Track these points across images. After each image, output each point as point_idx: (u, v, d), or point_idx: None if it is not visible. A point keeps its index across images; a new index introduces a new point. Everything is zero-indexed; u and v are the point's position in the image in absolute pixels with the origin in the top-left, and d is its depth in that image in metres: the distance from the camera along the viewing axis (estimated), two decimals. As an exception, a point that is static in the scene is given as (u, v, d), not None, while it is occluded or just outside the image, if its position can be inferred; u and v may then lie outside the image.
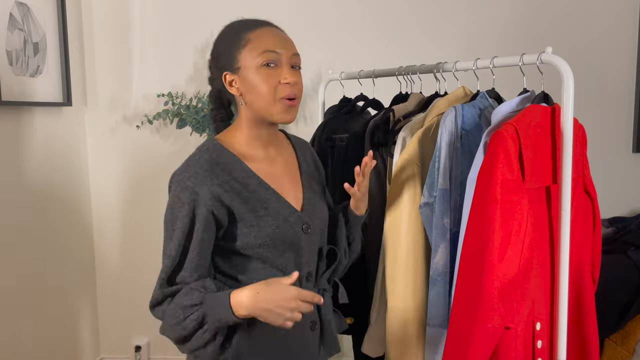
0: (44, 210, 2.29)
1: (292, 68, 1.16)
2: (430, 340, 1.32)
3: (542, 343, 1.22)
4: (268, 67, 1.13)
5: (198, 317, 1.07)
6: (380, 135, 1.54)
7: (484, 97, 1.39)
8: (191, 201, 1.11)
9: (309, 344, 1.22)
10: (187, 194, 1.11)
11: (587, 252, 1.42)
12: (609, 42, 2.45)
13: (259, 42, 1.14)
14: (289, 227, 1.16)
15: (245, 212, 1.13)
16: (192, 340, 1.09)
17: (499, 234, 1.12)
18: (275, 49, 1.14)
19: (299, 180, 1.26)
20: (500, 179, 1.13)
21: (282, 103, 1.14)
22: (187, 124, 2.32)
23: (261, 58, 1.13)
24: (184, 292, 1.09)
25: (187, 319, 1.07)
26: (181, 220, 1.11)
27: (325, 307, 1.25)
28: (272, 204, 1.16)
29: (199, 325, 1.07)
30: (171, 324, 1.09)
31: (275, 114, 1.15)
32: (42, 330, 2.27)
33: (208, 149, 1.17)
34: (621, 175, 2.50)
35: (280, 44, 1.15)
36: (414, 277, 1.35)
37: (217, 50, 1.21)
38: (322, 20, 2.50)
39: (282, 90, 1.14)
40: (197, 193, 1.10)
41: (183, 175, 1.13)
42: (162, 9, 2.53)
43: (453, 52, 2.43)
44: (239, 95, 1.17)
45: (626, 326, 1.97)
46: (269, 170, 1.21)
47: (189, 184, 1.11)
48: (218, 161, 1.15)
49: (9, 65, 2.03)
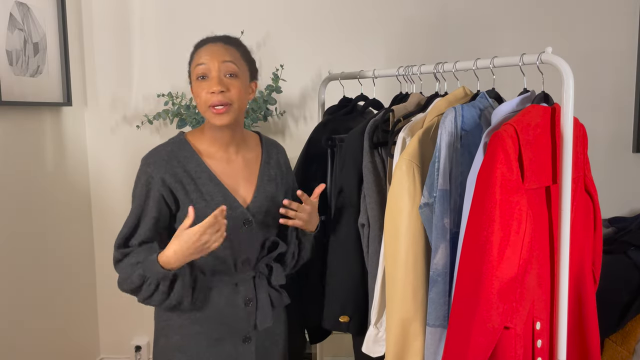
0: (44, 210, 2.29)
1: (226, 77, 1.32)
2: (430, 340, 1.32)
3: (542, 342, 1.22)
4: (202, 79, 1.32)
5: (141, 273, 1.28)
6: (379, 135, 1.54)
7: (484, 97, 1.39)
8: (147, 183, 1.33)
9: (241, 317, 1.40)
10: (145, 177, 1.33)
11: (588, 251, 1.42)
12: (609, 42, 2.45)
13: (197, 57, 1.34)
14: (230, 219, 1.32)
15: (186, 202, 1.33)
16: (141, 291, 1.29)
17: (498, 234, 1.13)
18: (203, 62, 1.32)
19: (254, 179, 1.42)
20: (499, 179, 1.13)
21: (211, 110, 1.32)
22: (187, 124, 2.32)
23: (196, 71, 1.33)
24: (134, 253, 1.32)
25: (133, 275, 1.29)
26: (139, 198, 1.34)
27: (260, 287, 1.42)
28: (216, 197, 1.34)
29: (143, 279, 1.28)
30: (123, 278, 1.32)
31: (210, 119, 1.33)
32: (42, 330, 2.27)
33: (174, 142, 1.39)
34: (621, 175, 2.50)
35: (209, 56, 1.32)
36: (414, 277, 1.35)
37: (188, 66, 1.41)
38: (322, 20, 2.50)
39: (210, 99, 1.31)
40: (152, 177, 1.33)
41: (146, 161, 1.35)
42: (162, 9, 2.53)
43: (453, 52, 2.43)
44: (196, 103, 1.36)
45: (626, 326, 1.97)
46: (224, 168, 1.38)
47: (148, 170, 1.34)
48: (177, 154, 1.35)
49: (9, 65, 2.03)
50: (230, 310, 1.38)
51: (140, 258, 1.30)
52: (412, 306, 1.35)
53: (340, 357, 2.58)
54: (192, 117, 2.28)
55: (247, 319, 1.40)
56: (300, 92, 2.53)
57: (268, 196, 1.42)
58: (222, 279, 1.38)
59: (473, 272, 1.16)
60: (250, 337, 1.42)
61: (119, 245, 1.34)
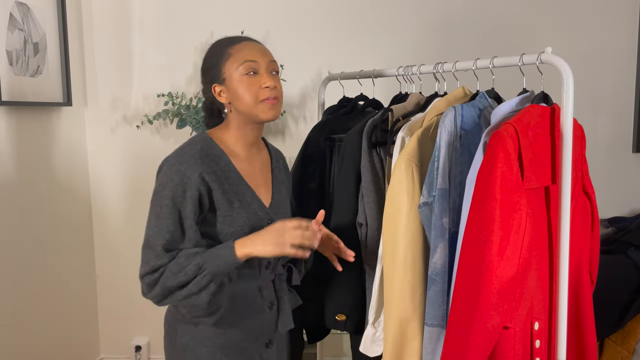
0: (44, 210, 2.29)
1: (272, 74, 1.32)
2: (429, 340, 1.31)
3: (540, 343, 1.22)
4: (249, 75, 1.29)
5: (199, 262, 1.21)
6: (378, 134, 1.54)
7: (484, 97, 1.39)
8: (183, 183, 1.24)
9: (266, 321, 1.37)
10: (179, 177, 1.25)
11: (585, 252, 1.42)
12: (609, 42, 2.45)
13: (240, 54, 1.30)
14: (258, 220, 1.32)
15: (223, 202, 1.27)
16: (189, 286, 1.22)
17: (498, 234, 1.13)
18: (254, 59, 1.30)
19: (270, 181, 1.42)
20: (499, 178, 1.13)
21: (263, 104, 1.30)
22: (187, 124, 2.32)
23: (242, 67, 1.29)
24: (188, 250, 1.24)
25: (189, 265, 1.21)
26: (172, 199, 1.24)
27: (281, 289, 1.40)
28: (246, 197, 1.31)
29: (199, 270, 1.21)
30: (174, 271, 1.22)
31: (260, 114, 1.30)
32: (42, 331, 2.27)
33: (201, 140, 1.32)
34: (621, 175, 2.50)
35: (258, 53, 1.31)
36: (412, 276, 1.35)
37: (205, 66, 1.37)
38: (322, 20, 2.50)
39: (263, 93, 1.29)
40: (188, 177, 1.25)
41: (175, 161, 1.27)
42: (162, 9, 2.53)
43: (453, 51, 2.43)
44: (228, 103, 1.33)
45: (626, 326, 1.97)
46: (248, 168, 1.36)
47: (181, 168, 1.25)
48: (208, 152, 1.30)
49: (9, 65, 2.03)
50: (257, 316, 1.35)
51: (200, 250, 1.24)
52: (410, 306, 1.35)
53: (340, 357, 2.58)
54: (192, 117, 2.28)
55: (271, 323, 1.38)
56: (300, 92, 2.53)
57: (282, 199, 1.42)
58: (248, 284, 1.34)
59: (472, 271, 1.16)
60: (272, 340, 1.39)
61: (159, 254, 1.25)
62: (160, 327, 1.42)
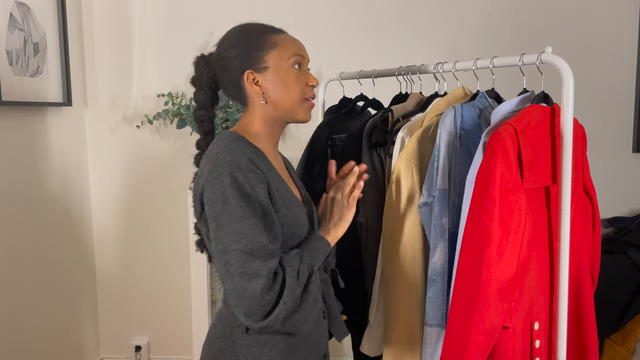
0: (44, 210, 2.29)
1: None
2: (428, 340, 1.31)
3: (540, 343, 1.22)
4: (297, 69, 1.20)
5: (307, 261, 1.11)
6: (378, 135, 1.54)
7: (484, 97, 1.39)
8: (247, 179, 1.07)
9: (323, 332, 1.26)
10: (241, 174, 1.07)
11: (586, 252, 1.42)
12: (609, 42, 2.45)
13: (287, 45, 1.19)
14: (301, 218, 1.19)
15: (279, 200, 1.14)
16: (309, 288, 1.09)
17: (497, 234, 1.13)
18: (301, 53, 1.21)
19: (291, 179, 1.31)
20: (499, 179, 1.13)
21: (307, 103, 1.22)
22: (187, 124, 2.32)
23: (292, 60, 1.19)
24: (291, 252, 1.12)
25: (302, 265, 1.09)
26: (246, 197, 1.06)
27: (329, 295, 1.28)
28: (288, 195, 1.18)
29: (311, 268, 1.11)
30: (293, 275, 1.06)
31: (300, 113, 1.21)
32: (42, 330, 2.27)
33: (235, 138, 1.15)
34: (621, 175, 2.50)
35: (303, 49, 1.23)
36: (413, 276, 1.35)
37: (235, 51, 1.19)
38: (322, 20, 2.50)
39: (309, 91, 1.21)
40: (251, 170, 1.09)
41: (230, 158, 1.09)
42: (162, 9, 2.53)
43: (453, 52, 2.43)
44: (261, 94, 1.18)
45: (626, 326, 1.97)
46: (277, 166, 1.23)
47: (241, 165, 1.08)
48: (249, 148, 1.15)
49: (9, 65, 2.03)
50: (316, 327, 1.21)
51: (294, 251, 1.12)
52: (410, 306, 1.35)
53: (340, 357, 2.58)
54: (192, 117, 2.28)
55: (325, 334, 1.26)
56: (300, 92, 2.52)
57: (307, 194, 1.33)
58: None
59: (472, 271, 1.16)
60: (327, 354, 1.28)
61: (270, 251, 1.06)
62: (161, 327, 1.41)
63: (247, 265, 1.03)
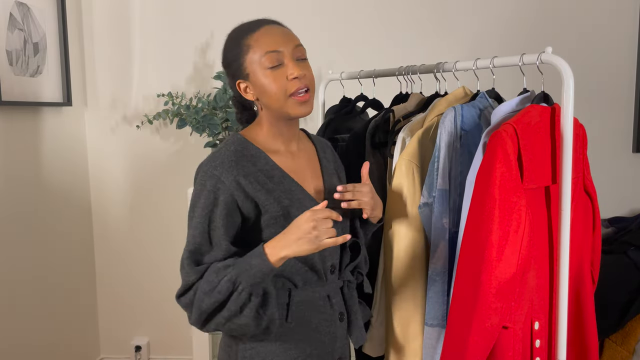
0: (44, 210, 2.29)
1: (298, 61, 1.16)
2: (429, 340, 1.31)
3: (540, 342, 1.22)
4: (273, 68, 1.14)
5: (231, 277, 1.07)
6: (380, 135, 1.54)
7: (484, 97, 1.39)
8: (216, 189, 1.12)
9: (337, 334, 1.24)
10: (212, 182, 1.13)
11: (587, 252, 1.41)
12: (609, 42, 2.45)
13: (259, 45, 1.15)
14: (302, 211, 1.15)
15: (271, 203, 1.14)
16: (228, 305, 1.08)
17: (497, 234, 1.13)
18: (275, 48, 1.14)
19: (320, 175, 1.28)
20: (499, 179, 1.13)
21: (292, 99, 1.15)
22: (187, 124, 2.32)
23: (265, 60, 1.14)
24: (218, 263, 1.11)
25: (222, 281, 1.07)
26: (205, 207, 1.12)
27: (351, 298, 1.27)
28: (296, 195, 1.18)
29: (233, 285, 1.07)
30: (206, 290, 1.08)
31: (291, 111, 1.16)
32: (42, 330, 2.27)
33: (234, 142, 1.19)
34: (621, 175, 2.50)
35: (280, 40, 1.15)
36: (413, 277, 1.35)
37: (226, 60, 1.22)
38: (322, 20, 2.50)
39: (292, 85, 1.14)
40: (222, 182, 1.12)
41: (210, 165, 1.14)
42: (162, 9, 2.53)
43: (453, 52, 2.43)
44: (255, 100, 1.20)
45: (626, 326, 1.97)
46: (291, 164, 1.22)
47: (215, 173, 1.13)
48: (244, 153, 1.17)
49: (9, 65, 2.03)
50: (328, 329, 1.21)
51: (231, 262, 1.10)
52: (411, 306, 1.35)
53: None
54: (192, 117, 2.28)
55: (342, 338, 1.25)
56: (300, 92, 2.52)
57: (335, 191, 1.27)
58: (315, 290, 1.20)
59: (472, 271, 1.16)
60: (343, 358, 1.26)
61: (192, 264, 1.12)
62: (161, 327, 1.41)
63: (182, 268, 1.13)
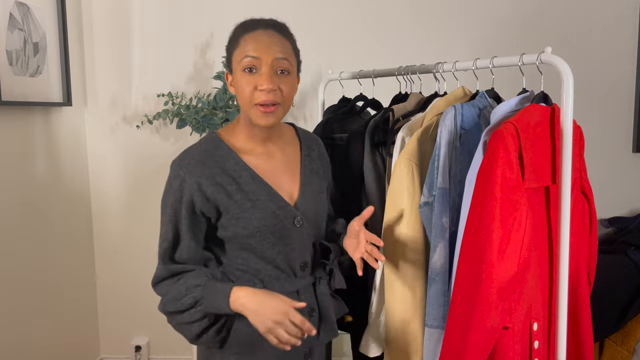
0: (44, 210, 2.29)
1: (279, 73, 1.17)
2: (429, 340, 1.31)
3: (539, 343, 1.22)
4: (249, 72, 1.16)
5: (195, 297, 1.17)
6: (380, 134, 1.54)
7: (483, 97, 1.39)
8: (180, 188, 1.18)
9: None
10: (177, 181, 1.19)
11: (583, 253, 1.41)
12: (609, 42, 2.45)
13: (245, 45, 1.17)
14: (277, 220, 1.21)
15: (230, 205, 1.19)
16: (184, 315, 1.18)
17: (498, 233, 1.12)
18: (255, 54, 1.16)
19: (297, 175, 1.29)
20: (500, 177, 1.12)
21: (256, 108, 1.17)
22: (187, 124, 2.32)
23: (243, 62, 1.17)
24: (195, 274, 1.20)
25: (186, 297, 1.17)
26: (172, 205, 1.19)
27: (322, 294, 1.31)
28: (261, 196, 1.21)
29: (194, 304, 1.17)
30: (173, 297, 1.19)
31: (254, 118, 1.19)
32: (42, 330, 2.27)
33: (207, 140, 1.24)
34: (621, 175, 2.50)
35: (264, 48, 1.16)
36: (413, 276, 1.35)
37: (227, 49, 1.25)
38: (322, 20, 2.50)
39: (258, 96, 1.16)
40: (185, 181, 1.18)
41: (177, 164, 1.21)
42: (162, 9, 2.53)
43: (452, 52, 2.43)
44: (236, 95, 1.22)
45: (626, 326, 1.97)
46: (264, 164, 1.25)
47: (180, 173, 1.19)
48: (213, 153, 1.21)
49: (9, 65, 2.03)
50: None
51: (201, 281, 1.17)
52: (411, 306, 1.35)
53: (340, 357, 2.58)
54: (192, 117, 2.28)
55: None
56: (300, 92, 2.52)
57: (315, 191, 1.30)
58: (283, 286, 1.23)
59: (472, 271, 1.16)
60: (312, 351, 1.29)
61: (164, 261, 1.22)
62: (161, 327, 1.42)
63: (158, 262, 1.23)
